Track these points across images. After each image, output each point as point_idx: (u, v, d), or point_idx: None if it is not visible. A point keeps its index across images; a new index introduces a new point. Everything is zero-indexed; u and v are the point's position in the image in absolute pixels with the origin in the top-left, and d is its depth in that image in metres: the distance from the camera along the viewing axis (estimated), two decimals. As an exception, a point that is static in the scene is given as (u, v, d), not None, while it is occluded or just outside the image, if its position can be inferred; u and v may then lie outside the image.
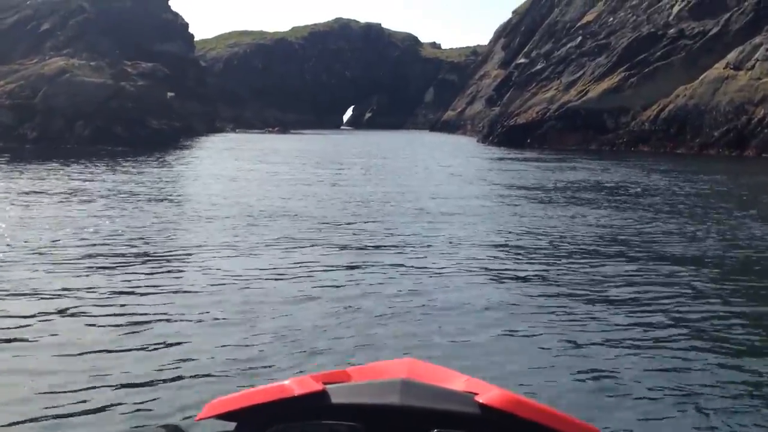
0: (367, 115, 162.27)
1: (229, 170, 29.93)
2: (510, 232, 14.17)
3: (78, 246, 11.88)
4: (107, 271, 10.17)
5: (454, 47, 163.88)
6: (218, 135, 76.30)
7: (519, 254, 12.13)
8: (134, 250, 11.75)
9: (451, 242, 12.93)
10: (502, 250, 12.41)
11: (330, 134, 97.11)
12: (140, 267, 10.49)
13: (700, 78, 51.18)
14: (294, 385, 1.40)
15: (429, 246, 12.44)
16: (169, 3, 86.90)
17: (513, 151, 52.01)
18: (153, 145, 44.38)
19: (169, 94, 50.95)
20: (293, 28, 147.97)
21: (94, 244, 12.06)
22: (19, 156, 34.81)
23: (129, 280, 9.58)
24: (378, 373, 1.68)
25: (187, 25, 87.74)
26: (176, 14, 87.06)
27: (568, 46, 62.66)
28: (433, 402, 1.37)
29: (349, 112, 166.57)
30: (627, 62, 55.83)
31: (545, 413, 1.36)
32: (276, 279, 9.88)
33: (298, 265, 10.72)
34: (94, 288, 9.10)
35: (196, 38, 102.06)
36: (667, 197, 20.86)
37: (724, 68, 50.38)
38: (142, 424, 5.13)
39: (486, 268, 10.79)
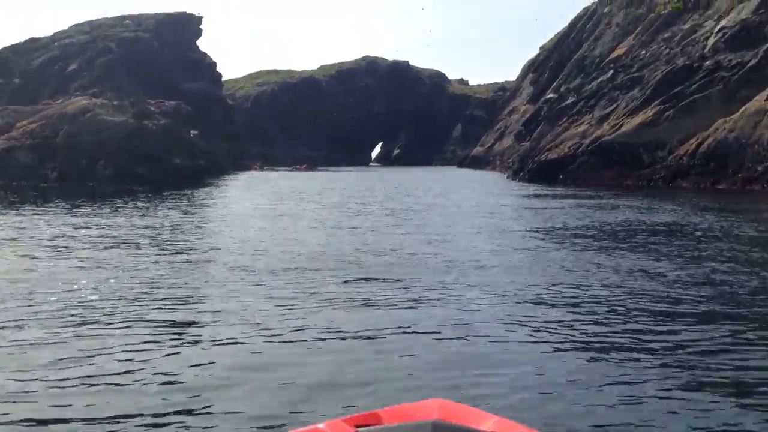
0: (396, 151, 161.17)
1: (246, 217, 28.11)
2: (557, 289, 11.92)
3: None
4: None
5: (482, 83, 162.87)
6: (245, 173, 75.10)
7: (574, 315, 9.91)
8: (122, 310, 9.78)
9: (488, 301, 10.76)
10: (551, 309, 10.22)
11: (358, 171, 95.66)
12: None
13: (741, 110, 48.61)
14: (327, 428, 1.38)
15: (461, 320, 10.20)
16: (197, 43, 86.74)
17: (545, 187, 49.77)
18: (176, 183, 42.97)
19: (192, 132, 49.74)
20: (321, 67, 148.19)
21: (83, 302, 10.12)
22: (37, 196, 33.45)
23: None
24: (408, 414, 1.58)
25: (214, 65, 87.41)
26: (203, 54, 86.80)
27: (600, 79, 60.54)
28: None
29: (377, 149, 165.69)
30: (662, 95, 53.48)
31: None
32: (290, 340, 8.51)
33: (319, 325, 9.13)
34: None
35: (225, 78, 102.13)
36: (733, 242, 18.41)
37: (765, 100, 47.81)
38: None
39: (535, 337, 8.61)
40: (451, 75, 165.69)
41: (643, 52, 59.70)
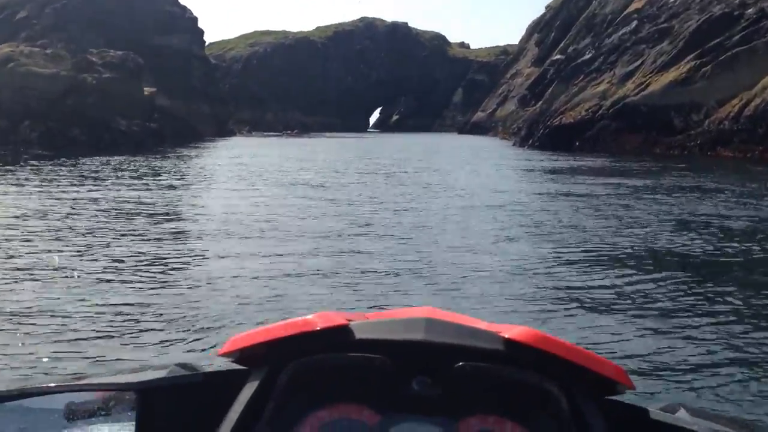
0: (395, 117, 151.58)
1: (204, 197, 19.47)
2: None
3: None
4: None
5: (483, 47, 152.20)
6: (229, 139, 65.86)
7: None
8: None
9: None
10: None
11: (355, 138, 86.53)
12: None
13: (794, 65, 39.60)
14: (317, 319, 1.30)
15: None
16: (178, -4, 76.87)
17: (560, 156, 40.96)
18: (118, 148, 34.18)
19: (148, 89, 40.60)
20: (317, 28, 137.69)
21: None
22: None
23: None
24: (399, 315, 1.49)
25: (195, 20, 77.61)
26: (184, 8, 76.97)
27: (621, 32, 51.16)
28: (457, 338, 1.28)
29: (375, 115, 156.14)
30: (696, 49, 44.28)
31: (571, 349, 1.26)
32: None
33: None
34: None
35: (217, 38, 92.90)
36: None
37: (824, 53, 38.75)
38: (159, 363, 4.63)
39: None
40: (452, 38, 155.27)
41: (671, 0, 50.21)
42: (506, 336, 1.27)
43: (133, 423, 1.32)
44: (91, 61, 37.92)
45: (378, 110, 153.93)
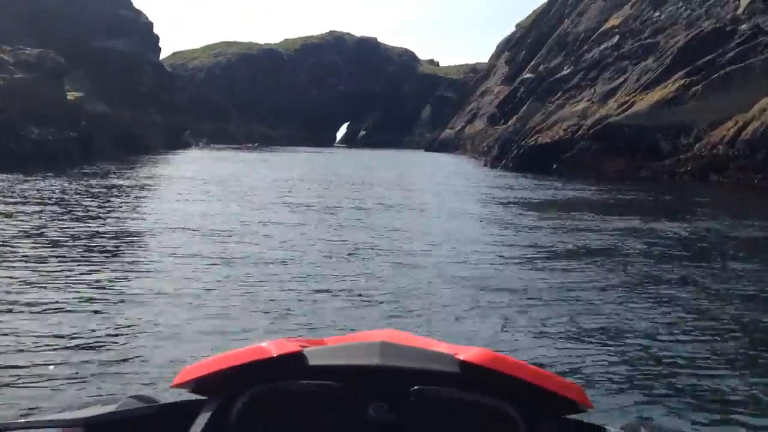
0: (362, 132, 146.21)
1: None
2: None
3: None
4: None
5: (453, 64, 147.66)
6: (177, 152, 59.51)
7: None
8: None
9: None
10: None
11: (317, 153, 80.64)
12: None
13: (795, 86, 34.96)
14: (271, 347, 1.28)
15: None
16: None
17: (536, 179, 35.85)
18: (29, 163, 28.08)
19: (73, 93, 34.50)
20: (285, 40, 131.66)
21: None
22: None
23: None
24: (356, 340, 1.44)
25: (150, 25, 71.32)
26: (138, 12, 70.63)
27: (603, 46, 46.32)
28: (413, 362, 1.26)
29: (343, 129, 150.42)
30: (685, 66, 39.54)
31: (528, 370, 1.25)
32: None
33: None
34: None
35: (182, 48, 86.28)
36: None
37: (829, 73, 34.22)
38: (111, 393, 4.85)
39: None
40: (421, 55, 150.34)
41: (656, 14, 45.58)
42: (462, 358, 1.22)
43: None
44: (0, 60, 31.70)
45: (345, 125, 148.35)
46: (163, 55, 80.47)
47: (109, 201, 19.23)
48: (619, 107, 40.81)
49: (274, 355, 1.24)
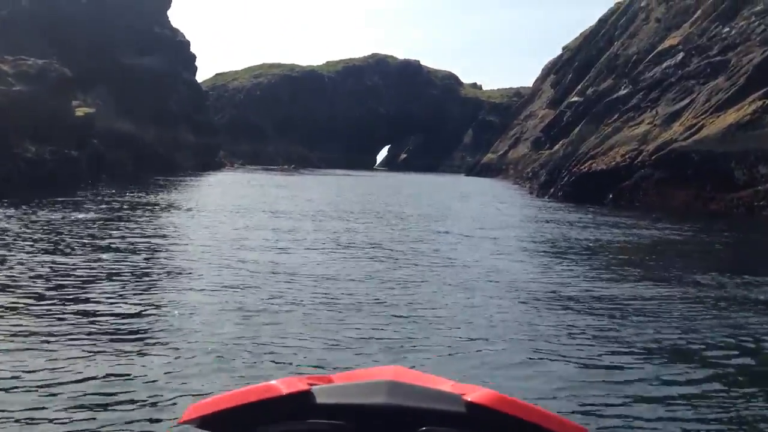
0: (403, 155, 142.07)
1: None
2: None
3: None
4: None
5: (496, 88, 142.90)
6: (205, 174, 55.75)
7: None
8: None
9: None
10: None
11: (355, 176, 76.56)
12: None
13: None
14: (280, 385, 1.26)
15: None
16: (169, 16, 67.92)
17: (591, 210, 30.98)
18: (18, 185, 24.45)
19: (84, 109, 30.99)
20: (327, 62, 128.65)
21: None
22: None
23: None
24: (363, 377, 1.44)
25: (187, 43, 68.50)
26: (175, 30, 67.87)
27: (665, 65, 41.19)
28: (420, 401, 1.25)
29: (383, 152, 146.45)
30: (763, 86, 34.29)
31: (534, 411, 1.24)
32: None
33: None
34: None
35: (225, 70, 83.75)
36: None
37: None
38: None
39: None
40: (464, 79, 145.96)
41: (726, 29, 40.36)
42: (469, 399, 1.23)
43: None
44: (-2, 69, 28.24)
45: (386, 148, 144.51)
46: (206, 76, 78.05)
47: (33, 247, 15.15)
48: (686, 131, 35.68)
49: (284, 394, 1.21)
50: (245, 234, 17.48)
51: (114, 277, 10.81)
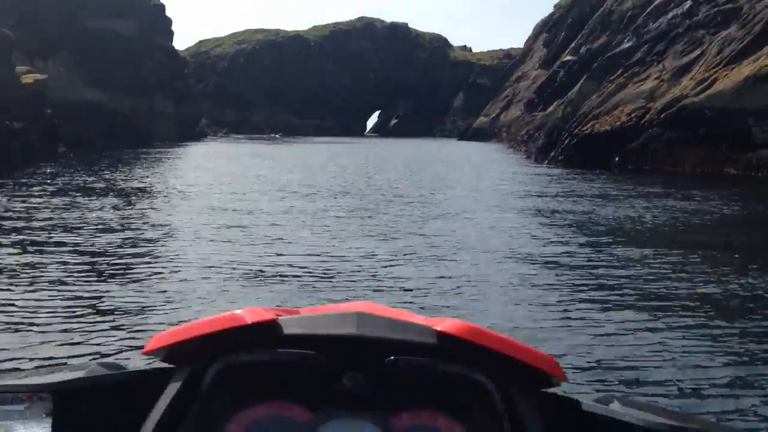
0: (393, 121, 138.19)
1: None
2: None
3: None
4: None
5: (486, 50, 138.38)
6: (186, 144, 52.19)
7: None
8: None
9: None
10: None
11: (343, 143, 73.17)
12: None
13: None
14: (245, 314, 1.22)
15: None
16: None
17: (598, 176, 27.83)
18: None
19: (33, 76, 27.52)
20: (313, 27, 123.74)
21: None
22: None
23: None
24: (332, 311, 1.39)
25: (162, 7, 64.22)
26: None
27: (671, 15, 37.65)
28: (389, 332, 1.23)
29: (374, 118, 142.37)
30: (781, 34, 30.99)
31: (504, 342, 1.22)
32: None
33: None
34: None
35: (209, 37, 79.70)
36: None
37: None
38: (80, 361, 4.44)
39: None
40: (454, 41, 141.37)
41: (737, -25, 36.78)
42: (438, 329, 1.21)
43: (49, 428, 1.16)
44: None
45: (376, 113, 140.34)
46: (188, 43, 74.13)
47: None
48: (697, 85, 32.42)
49: (248, 323, 1.18)
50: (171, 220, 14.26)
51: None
